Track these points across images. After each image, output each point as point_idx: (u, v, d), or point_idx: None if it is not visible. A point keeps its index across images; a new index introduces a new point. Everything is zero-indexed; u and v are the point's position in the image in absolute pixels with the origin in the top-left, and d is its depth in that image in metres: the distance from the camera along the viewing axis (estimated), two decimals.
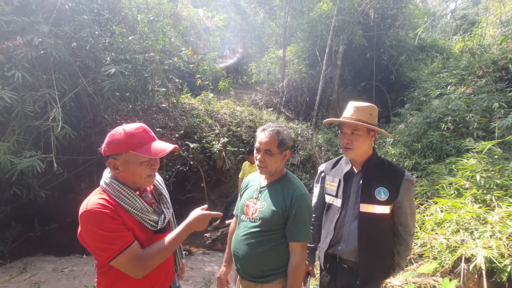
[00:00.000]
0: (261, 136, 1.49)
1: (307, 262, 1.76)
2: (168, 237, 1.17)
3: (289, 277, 1.43)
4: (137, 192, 1.21)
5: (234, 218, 1.79)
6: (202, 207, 1.29)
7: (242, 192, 1.72)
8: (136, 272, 1.10)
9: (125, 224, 1.11)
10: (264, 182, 1.57)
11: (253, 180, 1.67)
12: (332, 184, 1.62)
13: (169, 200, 1.36)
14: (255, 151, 1.53)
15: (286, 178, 1.54)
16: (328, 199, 1.65)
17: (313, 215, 1.74)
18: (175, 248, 1.22)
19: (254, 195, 1.57)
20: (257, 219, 1.48)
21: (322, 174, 1.72)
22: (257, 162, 1.51)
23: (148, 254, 1.12)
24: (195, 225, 1.22)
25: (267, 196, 1.50)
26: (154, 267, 1.14)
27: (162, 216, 1.25)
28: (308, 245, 1.76)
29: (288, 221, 1.44)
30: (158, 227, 1.21)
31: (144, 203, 1.19)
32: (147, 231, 1.19)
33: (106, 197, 1.12)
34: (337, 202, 1.58)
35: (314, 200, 1.75)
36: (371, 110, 1.53)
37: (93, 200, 1.10)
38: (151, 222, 1.19)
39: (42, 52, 3.35)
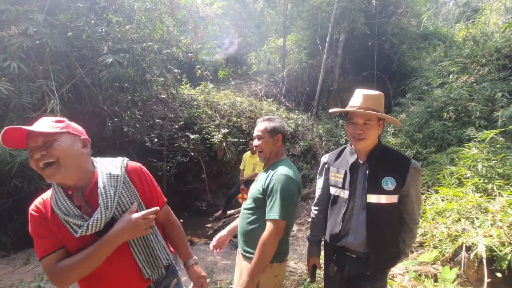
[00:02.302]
0: (257, 125, 1.71)
1: (312, 254, 1.77)
2: (88, 250, 1.02)
3: (256, 250, 1.46)
4: (70, 192, 1.06)
5: None
6: (130, 209, 1.10)
7: None
8: (54, 282, 1.04)
9: (51, 230, 1.02)
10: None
11: None
12: (337, 176, 1.58)
13: (110, 200, 1.08)
14: (253, 141, 1.73)
15: (278, 163, 1.62)
16: (333, 191, 1.61)
17: (318, 208, 1.74)
18: (98, 261, 1.03)
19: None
20: (250, 198, 1.66)
21: (326, 166, 1.68)
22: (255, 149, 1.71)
23: (63, 266, 1.01)
24: (125, 234, 1.05)
25: (260, 178, 1.66)
26: (76, 280, 1.04)
27: (90, 222, 1.03)
28: (313, 237, 1.78)
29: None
30: (78, 234, 1.02)
31: (71, 204, 1.03)
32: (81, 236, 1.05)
33: (48, 196, 1.05)
34: (344, 194, 1.55)
35: (318, 192, 1.74)
36: (380, 99, 1.49)
37: (39, 198, 1.05)
38: (74, 227, 1.03)
39: (37, 42, 3.27)
